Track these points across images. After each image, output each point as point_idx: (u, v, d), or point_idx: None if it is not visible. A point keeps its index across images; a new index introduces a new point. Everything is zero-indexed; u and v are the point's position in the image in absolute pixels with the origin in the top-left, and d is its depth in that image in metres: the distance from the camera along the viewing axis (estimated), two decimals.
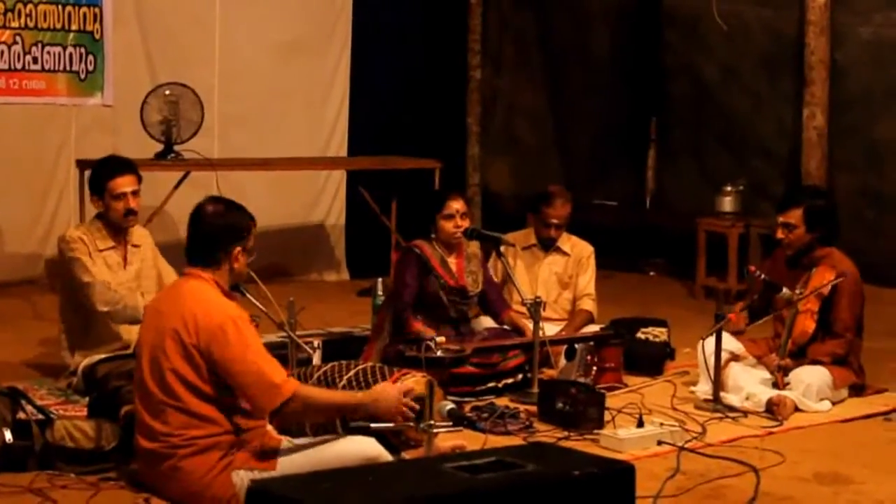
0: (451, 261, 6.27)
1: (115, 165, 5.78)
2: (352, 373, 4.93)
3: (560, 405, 5.38)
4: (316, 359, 5.45)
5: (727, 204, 9.05)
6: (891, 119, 8.63)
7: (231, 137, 8.96)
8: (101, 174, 5.73)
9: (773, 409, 5.64)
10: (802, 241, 6.01)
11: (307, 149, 9.34)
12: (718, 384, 5.74)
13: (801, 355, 5.93)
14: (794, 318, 5.87)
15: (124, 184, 5.66)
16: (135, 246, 5.82)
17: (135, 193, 5.69)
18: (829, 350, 5.92)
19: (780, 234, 6.06)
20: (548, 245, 6.81)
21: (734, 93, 9.42)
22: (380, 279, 6.78)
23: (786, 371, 5.84)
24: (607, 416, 5.40)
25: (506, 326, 6.36)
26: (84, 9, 8.24)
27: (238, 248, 4.27)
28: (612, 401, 5.62)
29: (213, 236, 4.27)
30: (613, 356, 6.15)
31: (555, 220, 6.73)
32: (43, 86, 8.13)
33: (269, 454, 4.19)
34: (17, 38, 7.95)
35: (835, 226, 6.16)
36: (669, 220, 9.76)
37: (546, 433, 5.26)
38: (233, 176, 8.61)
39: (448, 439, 4.70)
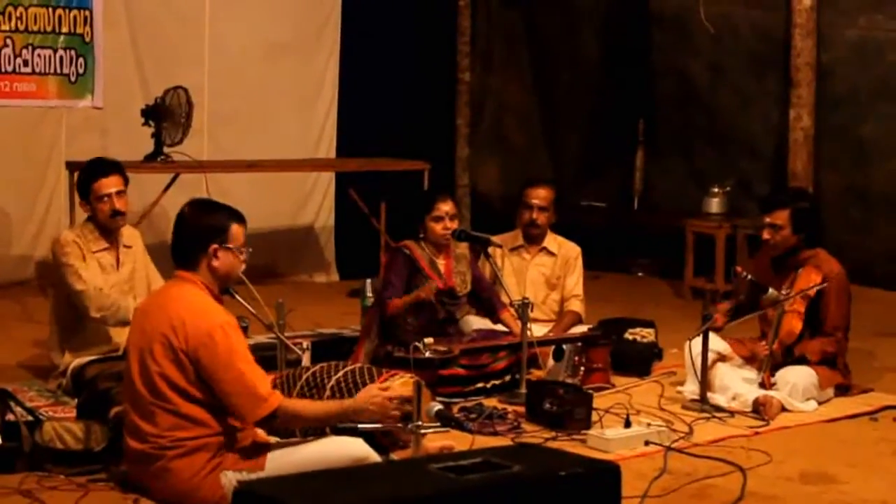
0: (440, 262, 6.29)
1: (98, 167, 5.79)
2: (340, 374, 4.94)
3: (548, 406, 5.40)
4: (305, 360, 5.46)
5: (714, 205, 9.10)
6: (876, 119, 8.69)
7: (220, 138, 8.98)
8: (85, 177, 5.76)
9: (759, 409, 5.67)
10: (788, 242, 6.05)
11: (296, 150, 9.35)
12: (705, 384, 5.77)
13: (787, 355, 5.96)
14: (780, 319, 5.89)
15: (108, 185, 5.68)
16: (126, 246, 5.85)
17: (119, 194, 5.70)
18: (820, 348, 5.95)
19: (766, 235, 6.09)
20: (532, 238, 6.82)
21: (721, 93, 9.46)
22: (368, 280, 6.80)
23: (772, 371, 5.87)
24: (595, 417, 5.42)
25: (501, 326, 6.38)
26: (74, 11, 8.25)
27: (214, 247, 4.27)
28: (600, 401, 5.64)
29: (190, 238, 4.28)
30: (601, 357, 6.17)
31: (535, 201, 6.73)
32: (33, 88, 8.14)
33: (257, 455, 4.21)
34: (8, 41, 7.96)
35: (820, 228, 6.20)
36: (657, 221, 9.79)
37: (534, 434, 5.28)
38: (222, 178, 8.63)
39: (436, 440, 4.72)
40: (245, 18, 9.14)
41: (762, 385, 5.84)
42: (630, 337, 6.77)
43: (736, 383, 5.86)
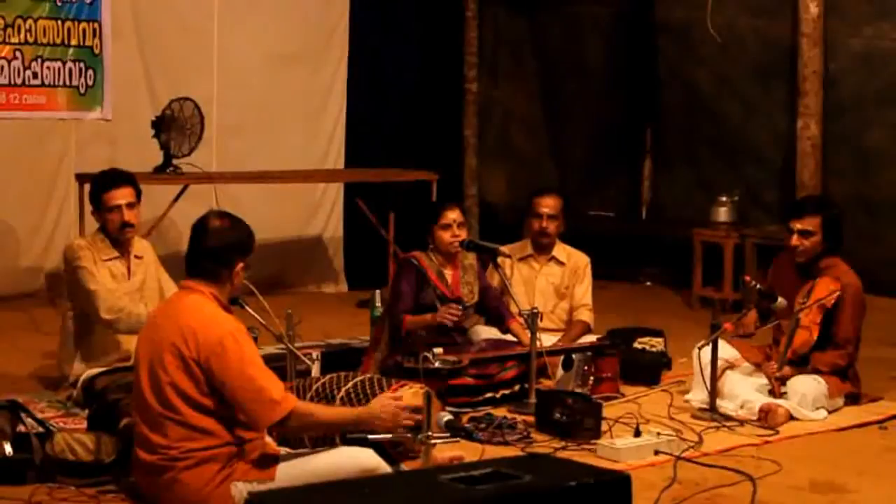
0: (448, 272, 6.30)
1: (109, 178, 5.82)
2: (350, 384, 4.96)
3: (557, 415, 5.40)
4: (315, 370, 5.48)
5: (722, 214, 9.11)
6: (882, 127, 8.69)
7: (229, 149, 9.01)
8: (96, 188, 5.79)
9: (762, 417, 5.66)
10: (818, 249, 6.01)
11: (304, 161, 9.38)
12: (715, 393, 5.76)
13: (802, 363, 5.94)
14: (795, 328, 5.88)
15: (118, 196, 5.70)
16: (138, 257, 5.87)
17: (130, 206, 5.71)
18: (831, 361, 5.94)
19: (794, 242, 6.01)
20: (542, 247, 6.83)
21: (728, 102, 9.47)
22: (377, 291, 6.81)
23: (783, 380, 5.87)
24: (604, 426, 5.42)
25: (510, 336, 6.39)
26: (83, 24, 8.29)
27: (242, 264, 4.30)
28: (609, 410, 5.65)
29: (220, 252, 4.27)
30: (610, 366, 6.17)
31: (545, 210, 6.76)
32: (43, 100, 8.17)
33: (267, 466, 4.21)
34: (17, 54, 8.00)
35: (843, 235, 6.17)
36: (665, 230, 9.80)
37: (543, 443, 5.28)
38: (231, 189, 8.67)
39: (446, 450, 4.72)
40: (253, 30, 9.17)
41: (772, 392, 5.84)
42: (639, 346, 6.78)
43: (745, 391, 5.85)
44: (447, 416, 4.81)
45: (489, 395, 5.98)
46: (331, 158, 9.67)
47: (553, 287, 6.83)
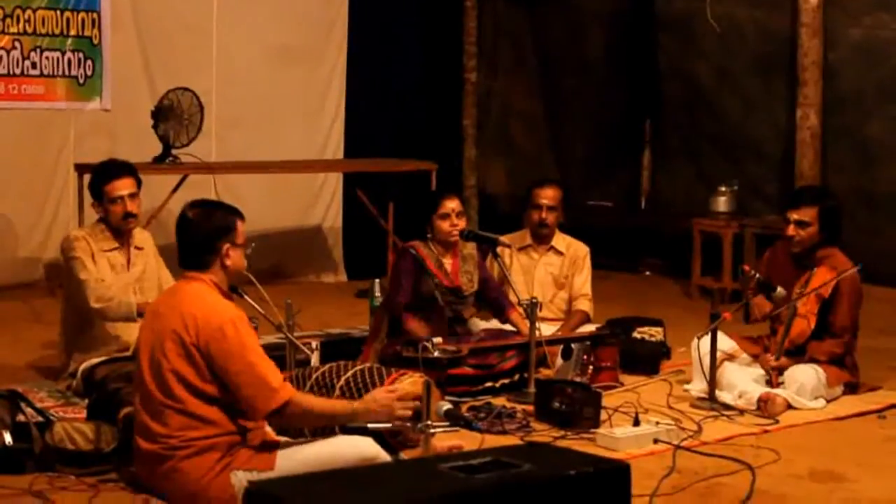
0: (447, 261, 6.31)
1: (111, 169, 5.83)
2: (350, 373, 4.96)
3: (556, 405, 5.40)
4: (314, 360, 5.48)
5: (722, 204, 9.11)
6: (882, 119, 8.68)
7: (229, 141, 9.01)
8: (98, 179, 5.80)
9: (761, 406, 5.67)
10: (814, 240, 6.02)
11: (304, 152, 9.38)
12: (714, 383, 5.77)
13: (799, 353, 5.95)
14: (792, 318, 5.88)
15: (121, 187, 5.71)
16: (138, 248, 5.89)
17: (132, 196, 5.74)
18: (828, 350, 5.95)
19: (790, 232, 6.02)
20: (541, 238, 6.84)
21: (728, 94, 9.46)
22: (376, 280, 6.82)
23: (780, 371, 5.87)
24: (604, 416, 5.43)
25: (509, 326, 6.39)
26: (82, 14, 8.29)
27: (226, 245, 4.31)
28: (609, 400, 5.66)
29: (199, 240, 4.30)
30: (610, 355, 6.18)
31: (544, 201, 6.76)
32: (42, 91, 8.17)
33: (267, 454, 4.22)
34: (16, 44, 8.00)
35: (840, 227, 6.16)
36: (664, 221, 9.80)
37: (543, 433, 5.28)
38: (230, 179, 8.67)
39: (445, 439, 4.73)
40: (253, 21, 9.17)
41: (770, 383, 5.84)
42: (638, 336, 6.78)
43: (742, 381, 5.86)
44: (446, 406, 4.79)
45: (488, 384, 5.98)
46: (330, 149, 9.68)
47: (552, 277, 6.83)
